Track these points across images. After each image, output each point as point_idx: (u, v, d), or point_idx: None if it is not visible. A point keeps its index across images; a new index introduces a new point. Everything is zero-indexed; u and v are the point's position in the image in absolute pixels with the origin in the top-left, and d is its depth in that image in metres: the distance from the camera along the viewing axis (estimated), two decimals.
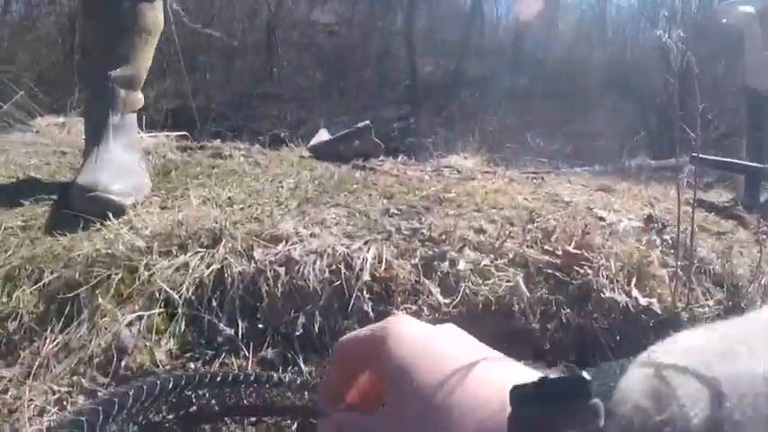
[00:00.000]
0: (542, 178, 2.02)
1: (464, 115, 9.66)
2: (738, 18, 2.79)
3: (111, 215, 1.16)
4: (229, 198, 1.27)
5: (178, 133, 3.00)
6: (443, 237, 0.98)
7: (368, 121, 2.22)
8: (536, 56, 12.38)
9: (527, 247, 1.03)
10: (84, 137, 1.51)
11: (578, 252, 1.04)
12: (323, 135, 2.61)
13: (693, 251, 1.18)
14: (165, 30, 1.50)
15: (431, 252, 0.93)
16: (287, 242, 0.95)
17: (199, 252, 0.98)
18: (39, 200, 1.27)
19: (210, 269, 0.93)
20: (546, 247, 1.04)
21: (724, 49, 6.85)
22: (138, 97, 1.47)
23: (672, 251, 1.18)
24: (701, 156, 3.23)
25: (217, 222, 1.03)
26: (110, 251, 0.99)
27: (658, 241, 1.25)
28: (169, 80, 7.83)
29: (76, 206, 1.18)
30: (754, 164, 2.41)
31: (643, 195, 1.86)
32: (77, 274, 0.95)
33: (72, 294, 0.92)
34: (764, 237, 1.46)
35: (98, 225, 1.12)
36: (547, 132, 8.57)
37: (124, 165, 1.33)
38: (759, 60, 2.68)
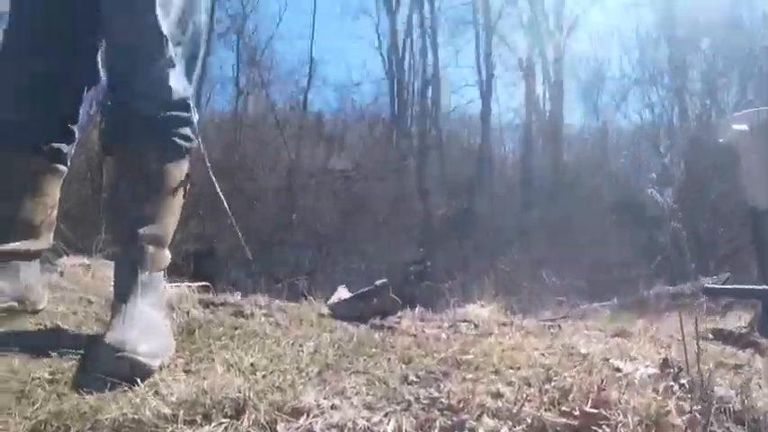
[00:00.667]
0: (559, 326, 2.04)
1: (479, 255, 9.81)
2: (734, 137, 2.83)
3: (137, 378, 1.18)
4: (252, 364, 1.30)
5: (199, 284, 3.07)
6: (461, 404, 1.00)
7: (385, 279, 2.31)
8: (544, 189, 12.76)
9: (545, 410, 1.04)
10: (109, 284, 1.54)
11: (596, 411, 1.05)
12: (342, 293, 2.69)
13: (710, 392, 1.18)
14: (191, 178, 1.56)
15: (449, 422, 0.95)
16: (308, 415, 0.97)
17: (222, 423, 1.00)
18: (65, 353, 1.29)
19: None
20: (563, 408, 1.05)
21: (725, 164, 7.04)
22: (166, 255, 1.52)
23: (689, 395, 1.18)
24: (713, 286, 3.21)
25: (240, 392, 1.06)
26: (136, 416, 1.01)
27: (675, 387, 1.25)
28: (192, 223, 8.14)
29: (104, 366, 1.18)
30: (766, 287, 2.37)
31: (659, 336, 1.87)
32: None
33: None
34: None
35: (125, 386, 1.14)
36: (561, 267, 8.61)
37: (151, 324, 1.36)
38: (757, 179, 2.69)
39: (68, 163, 1.50)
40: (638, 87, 12.91)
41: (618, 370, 1.37)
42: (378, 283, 2.27)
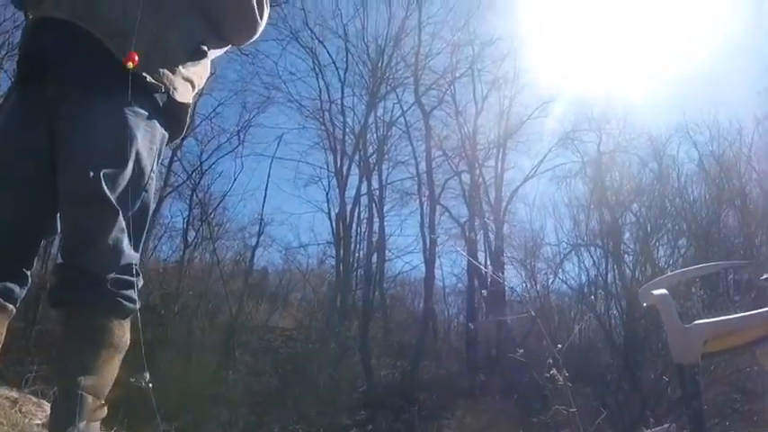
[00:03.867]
0: None
1: (423, 417, 9.54)
2: (654, 300, 3.05)
3: None
4: None
5: None
6: None
7: None
8: (489, 353, 12.79)
9: None
10: (37, 421, 1.50)
11: None
12: None
13: None
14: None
15: None
16: None
17: None
18: None
19: None
20: None
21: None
22: (103, 408, 1.53)
23: None
24: None
25: None
26: None
27: None
28: (123, 372, 7.70)
29: None
30: None
31: None
32: None
33: None
34: None
35: None
36: (507, 429, 8.44)
37: None
38: (679, 337, 2.87)
39: (17, 305, 1.54)
40: (575, 253, 13.70)
41: None
42: None
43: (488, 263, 14.32)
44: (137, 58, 1.32)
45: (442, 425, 9.00)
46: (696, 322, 2.97)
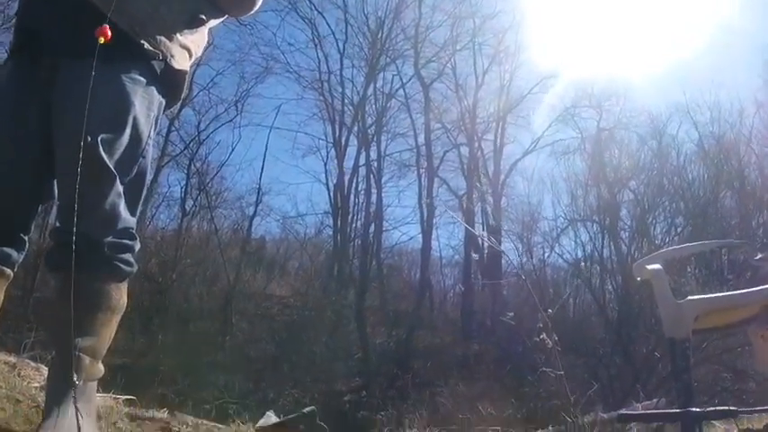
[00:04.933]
0: None
1: (416, 385, 9.69)
2: (648, 275, 3.08)
3: None
4: None
5: (126, 397, 2.99)
6: None
7: (313, 407, 2.37)
8: (484, 323, 12.93)
9: None
10: (35, 385, 1.53)
11: None
12: (270, 417, 2.68)
13: None
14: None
15: None
16: None
17: None
18: None
19: None
20: None
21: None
22: (100, 367, 1.57)
23: None
24: (627, 412, 3.33)
25: None
26: None
27: None
28: (122, 336, 7.82)
29: None
30: (679, 410, 2.47)
31: None
32: None
33: None
34: None
35: None
36: (499, 398, 8.58)
37: (81, 430, 1.37)
38: (670, 312, 2.90)
39: (15, 269, 1.55)
40: (571, 228, 13.75)
41: None
42: (306, 410, 2.32)
43: (486, 235, 14.38)
44: (109, 33, 1.31)
45: (435, 393, 9.13)
46: (689, 298, 3.01)
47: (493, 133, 15.51)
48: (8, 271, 1.54)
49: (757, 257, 2.96)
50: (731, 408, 2.16)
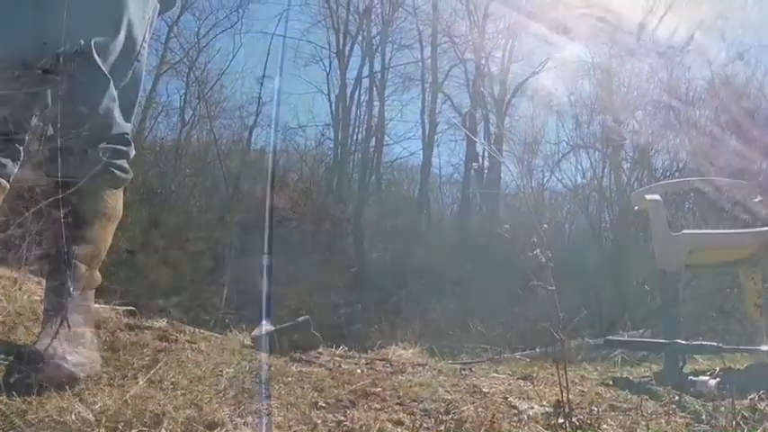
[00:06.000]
0: (470, 369, 2.17)
1: (410, 301, 9.94)
2: (646, 205, 3.09)
3: (64, 385, 1.22)
4: (172, 383, 1.36)
5: (126, 308, 3.05)
6: (363, 429, 1.11)
7: (307, 316, 2.41)
8: (480, 243, 13.10)
9: None
10: (36, 298, 1.56)
11: None
12: (265, 326, 2.75)
13: (598, 430, 1.32)
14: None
15: None
16: (221, 428, 1.06)
17: (143, 431, 1.06)
18: None
19: None
20: None
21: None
22: (97, 275, 1.59)
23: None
24: (614, 338, 3.44)
25: (160, 405, 1.13)
26: (61, 419, 1.06)
27: (566, 424, 1.38)
28: (121, 248, 7.94)
29: (32, 371, 1.23)
30: (665, 341, 2.54)
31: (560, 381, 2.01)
32: None
33: None
34: (674, 407, 1.60)
35: (52, 392, 1.19)
36: (490, 318, 8.83)
37: (79, 338, 1.42)
38: (665, 243, 2.93)
39: (10, 180, 1.54)
40: (573, 153, 13.63)
41: (514, 407, 1.50)
42: (299, 319, 2.37)
43: (486, 155, 14.30)
44: None
45: (428, 308, 9.39)
46: (684, 231, 3.02)
47: (501, 50, 15.03)
48: (3, 182, 1.53)
49: (756, 199, 2.95)
50: (716, 344, 2.22)
